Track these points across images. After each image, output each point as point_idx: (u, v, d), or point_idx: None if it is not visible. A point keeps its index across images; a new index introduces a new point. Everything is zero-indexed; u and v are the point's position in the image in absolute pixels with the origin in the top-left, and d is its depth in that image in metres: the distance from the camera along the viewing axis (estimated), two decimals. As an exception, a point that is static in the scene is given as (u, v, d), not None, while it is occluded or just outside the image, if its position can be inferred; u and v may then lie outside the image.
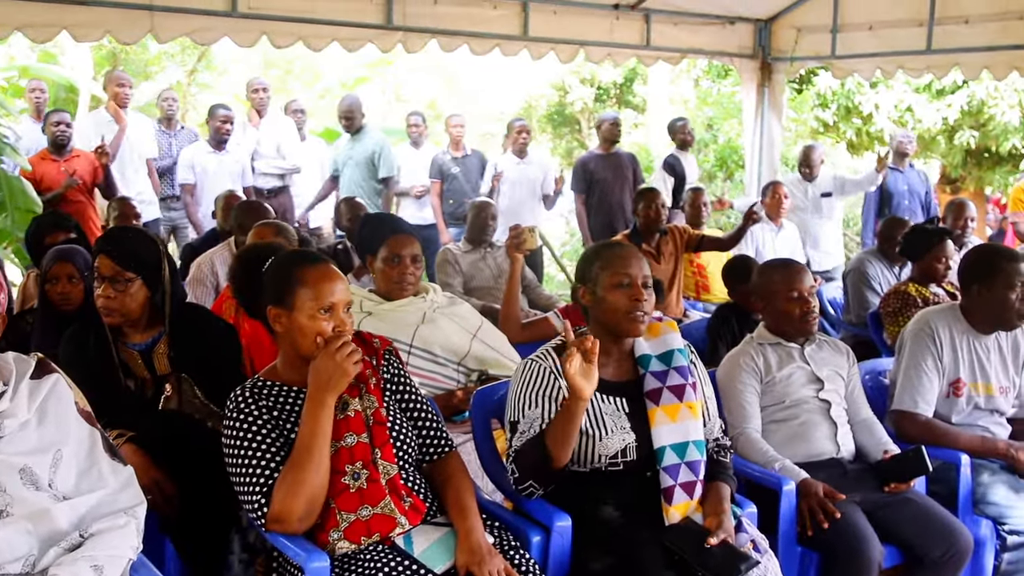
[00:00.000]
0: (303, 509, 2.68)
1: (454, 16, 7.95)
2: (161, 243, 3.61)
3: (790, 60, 9.68)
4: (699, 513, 3.11)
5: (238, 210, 6.12)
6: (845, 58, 9.27)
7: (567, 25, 8.58)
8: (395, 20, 7.67)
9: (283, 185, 9.10)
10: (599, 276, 3.20)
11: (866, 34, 8.92)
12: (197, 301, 5.36)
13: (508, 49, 8.36)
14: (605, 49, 9.01)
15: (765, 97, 9.92)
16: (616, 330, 3.20)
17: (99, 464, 2.56)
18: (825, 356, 4.02)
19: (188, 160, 8.63)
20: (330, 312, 2.81)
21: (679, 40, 9.29)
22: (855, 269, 6.54)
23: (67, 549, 2.40)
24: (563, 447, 2.97)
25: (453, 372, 4.12)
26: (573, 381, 2.86)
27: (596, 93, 18.22)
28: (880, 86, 13.61)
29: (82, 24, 6.73)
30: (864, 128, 14.23)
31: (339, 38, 7.58)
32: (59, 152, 7.94)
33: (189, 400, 3.49)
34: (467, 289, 6.19)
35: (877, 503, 3.64)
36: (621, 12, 8.78)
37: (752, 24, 9.68)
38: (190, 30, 7.14)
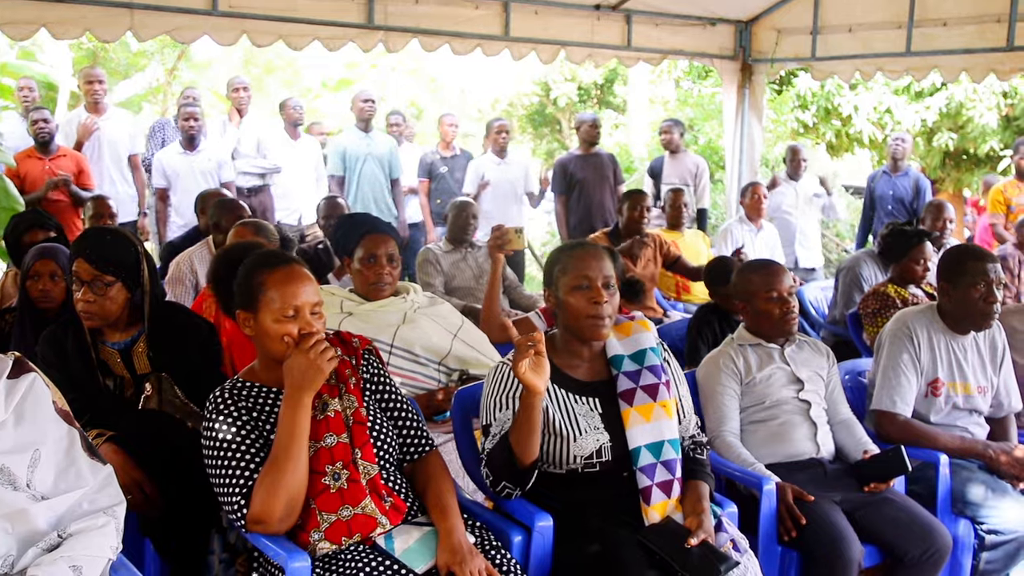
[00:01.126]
0: (283, 510, 2.67)
1: (435, 16, 7.93)
2: (139, 243, 3.58)
3: (770, 61, 9.70)
4: (679, 512, 3.11)
5: (214, 208, 6.09)
6: (825, 60, 9.29)
7: (548, 25, 8.57)
8: (376, 19, 7.64)
9: (263, 184, 9.05)
10: (560, 279, 3.20)
11: (846, 36, 8.95)
12: (176, 300, 5.34)
13: (489, 49, 8.35)
14: (586, 49, 9.00)
15: (745, 98, 9.94)
16: (578, 334, 3.20)
17: (78, 463, 2.55)
18: (805, 357, 4.04)
19: (160, 164, 8.56)
20: (295, 315, 2.79)
21: (660, 41, 9.30)
22: (850, 268, 6.54)
23: (46, 549, 2.38)
24: (526, 445, 2.96)
25: (434, 372, 4.11)
26: (524, 379, 2.86)
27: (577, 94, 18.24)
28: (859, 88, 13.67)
29: (62, 21, 6.68)
30: (843, 130, 14.30)
31: (320, 37, 7.54)
32: (44, 151, 7.88)
33: (169, 399, 3.47)
34: (448, 289, 6.18)
35: (857, 503, 3.66)
36: (602, 13, 8.78)
37: (733, 25, 9.70)
38: (170, 28, 7.08)
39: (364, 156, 8.94)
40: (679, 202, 7.71)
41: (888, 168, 9.69)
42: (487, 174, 9.06)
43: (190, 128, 8.45)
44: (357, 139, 9.07)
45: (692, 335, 5.14)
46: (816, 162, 14.80)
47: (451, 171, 9.39)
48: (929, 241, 5.81)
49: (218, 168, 8.57)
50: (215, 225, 5.93)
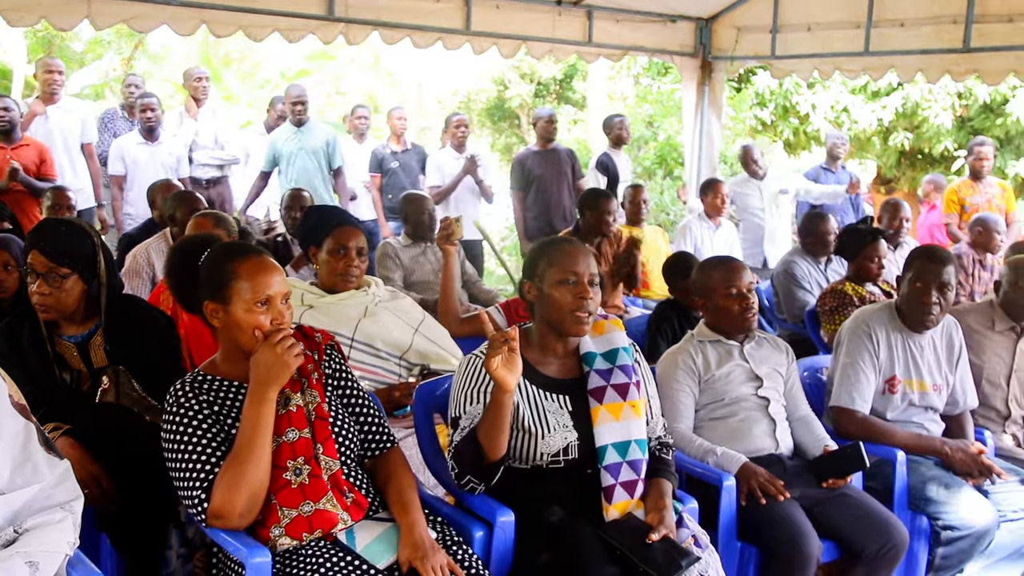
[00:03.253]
0: (244, 504, 2.65)
1: (396, 9, 7.92)
2: (95, 234, 3.53)
3: (730, 59, 9.77)
4: (640, 509, 3.12)
5: (171, 200, 6.02)
6: (784, 58, 9.36)
7: (509, 20, 8.58)
8: (337, 12, 7.61)
9: (222, 176, 8.98)
10: (545, 272, 3.18)
11: (805, 35, 9.02)
12: (133, 293, 5.28)
13: (450, 43, 8.35)
14: (547, 45, 9.02)
15: (705, 95, 10.00)
16: (560, 328, 3.19)
17: (34, 458, 2.51)
18: (764, 354, 4.06)
19: (118, 151, 8.47)
20: (267, 305, 2.77)
21: (621, 37, 9.33)
22: (782, 271, 6.62)
23: (1, 545, 2.35)
24: (494, 440, 2.96)
25: (395, 366, 4.10)
26: (495, 375, 2.86)
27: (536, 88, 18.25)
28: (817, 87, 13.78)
29: (17, 8, 6.59)
30: (801, 128, 14.42)
31: (280, 28, 7.50)
32: (7, 140, 7.73)
33: (127, 393, 3.43)
34: (407, 283, 6.16)
35: (815, 499, 3.69)
36: (563, 8, 8.81)
37: (693, 23, 9.75)
38: (128, 17, 7.02)
39: (296, 151, 8.80)
40: (639, 198, 7.71)
41: (827, 164, 9.78)
42: (449, 168, 9.02)
43: (148, 119, 8.34)
44: (288, 134, 8.92)
45: (651, 331, 5.16)
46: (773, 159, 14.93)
47: (402, 165, 9.35)
48: (884, 239, 5.87)
49: (176, 163, 8.49)
50: (171, 217, 5.87)
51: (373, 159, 9.33)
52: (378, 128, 12.24)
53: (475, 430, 3.00)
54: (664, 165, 14.88)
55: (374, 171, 9.30)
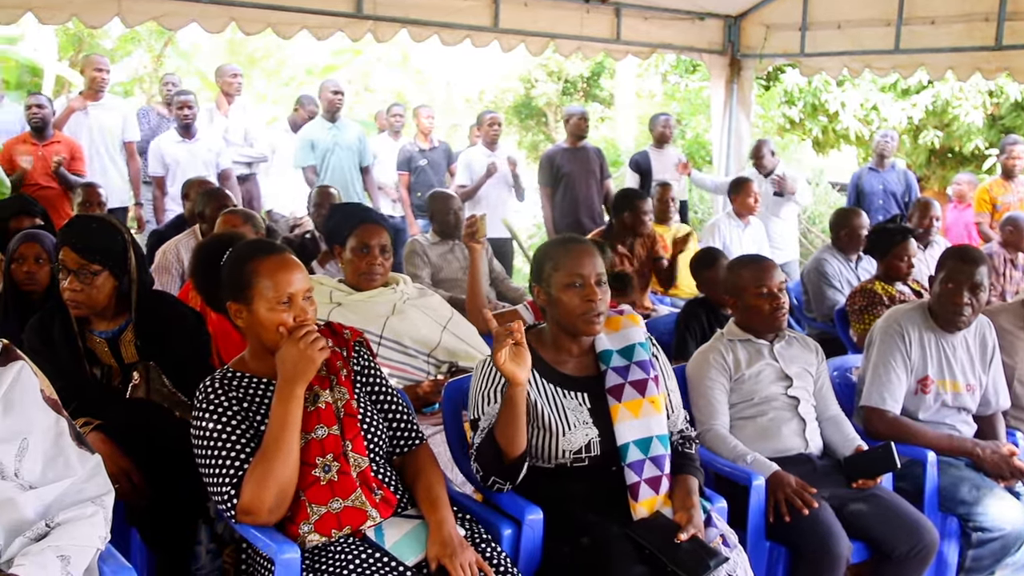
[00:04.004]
0: (273, 501, 2.65)
1: (424, 6, 7.94)
2: (126, 231, 3.54)
3: (759, 57, 9.73)
4: (668, 507, 3.11)
5: (200, 197, 6.07)
6: (813, 56, 9.32)
7: (537, 17, 8.58)
8: (365, 9, 7.63)
9: (250, 172, 9.02)
10: (552, 276, 3.15)
11: (834, 32, 8.97)
12: (162, 289, 5.29)
13: (478, 40, 8.35)
14: (575, 42, 9.01)
15: (733, 93, 9.97)
16: (571, 330, 3.18)
17: (66, 452, 2.53)
18: (794, 353, 4.04)
19: (157, 152, 8.49)
20: (289, 303, 2.77)
21: (649, 35, 9.31)
22: (813, 268, 6.57)
23: (33, 539, 2.36)
24: (512, 438, 2.95)
25: (423, 364, 4.10)
26: (504, 369, 2.85)
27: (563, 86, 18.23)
28: (846, 84, 13.71)
29: (49, 6, 6.64)
30: (830, 126, 14.35)
31: (308, 26, 7.53)
32: (39, 136, 7.82)
33: (157, 389, 3.44)
34: (435, 281, 6.16)
35: (845, 499, 3.66)
36: (592, 6, 8.80)
37: (722, 20, 9.72)
38: (158, 14, 7.06)
39: (332, 146, 8.85)
40: (666, 196, 7.72)
41: (874, 164, 9.70)
42: (480, 166, 9.02)
43: (185, 117, 8.37)
44: (324, 130, 8.96)
45: (680, 329, 5.15)
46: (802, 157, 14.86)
47: (430, 163, 9.35)
48: (914, 238, 5.83)
49: (216, 156, 8.52)
50: (199, 214, 5.91)
51: (401, 157, 9.35)
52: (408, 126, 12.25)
53: (493, 429, 3.00)
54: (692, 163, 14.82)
55: (402, 169, 9.32)
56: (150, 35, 15.39)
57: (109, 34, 15.25)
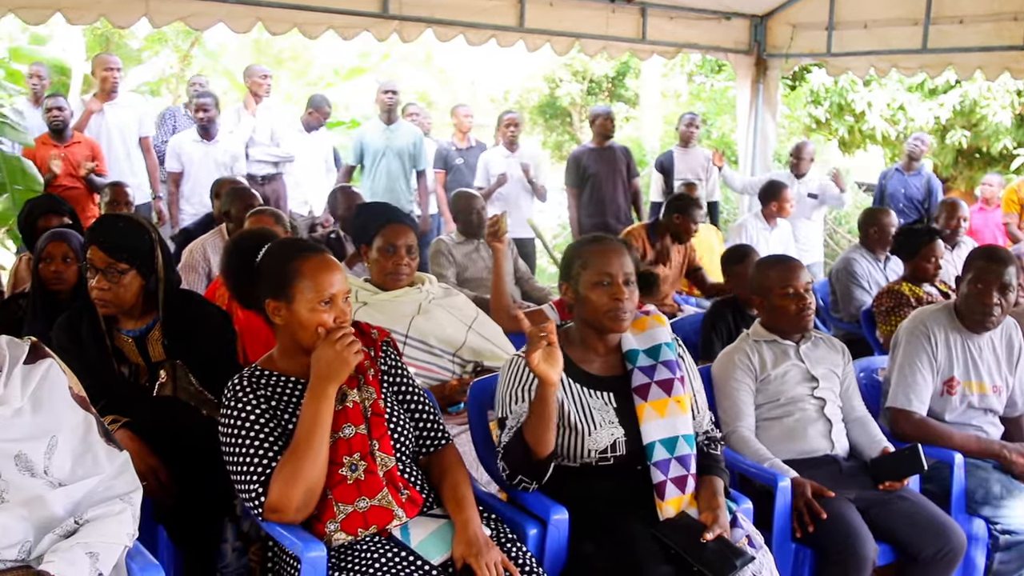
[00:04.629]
0: (301, 499, 2.66)
1: (450, 6, 7.95)
2: (153, 230, 3.56)
3: (785, 56, 9.69)
4: (694, 508, 3.10)
5: (226, 196, 6.11)
6: (840, 56, 9.28)
7: (563, 17, 8.57)
8: (391, 9, 7.65)
9: (276, 172, 9.05)
10: (580, 275, 3.16)
11: (861, 32, 8.93)
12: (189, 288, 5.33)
13: (504, 40, 8.36)
14: (600, 42, 9.00)
15: (759, 93, 9.93)
16: (599, 328, 3.17)
17: (94, 449, 2.55)
18: (820, 354, 4.02)
19: (175, 148, 8.55)
20: (330, 303, 2.79)
21: (675, 34, 9.29)
22: (842, 268, 6.54)
23: (62, 535, 2.39)
24: (541, 437, 2.94)
25: (448, 363, 4.10)
26: (537, 370, 2.84)
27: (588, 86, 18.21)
28: (873, 84, 13.64)
29: (77, 7, 6.69)
30: (856, 126, 14.28)
31: (335, 26, 7.56)
32: (59, 138, 7.88)
33: (184, 387, 3.47)
34: (460, 280, 6.17)
35: (871, 501, 3.64)
36: (617, 5, 8.79)
37: (748, 20, 9.68)
38: (185, 15, 7.10)
39: (383, 149, 8.87)
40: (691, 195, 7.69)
41: (902, 166, 9.65)
42: (497, 167, 9.02)
43: (202, 119, 8.43)
44: (378, 132, 9.00)
45: (706, 329, 5.13)
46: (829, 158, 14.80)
47: (466, 162, 9.36)
48: (941, 239, 5.80)
49: (232, 161, 8.55)
50: (226, 213, 5.94)
51: (438, 156, 9.36)
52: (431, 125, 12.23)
53: (522, 429, 3.00)
54: (718, 164, 14.80)
55: (438, 167, 9.32)
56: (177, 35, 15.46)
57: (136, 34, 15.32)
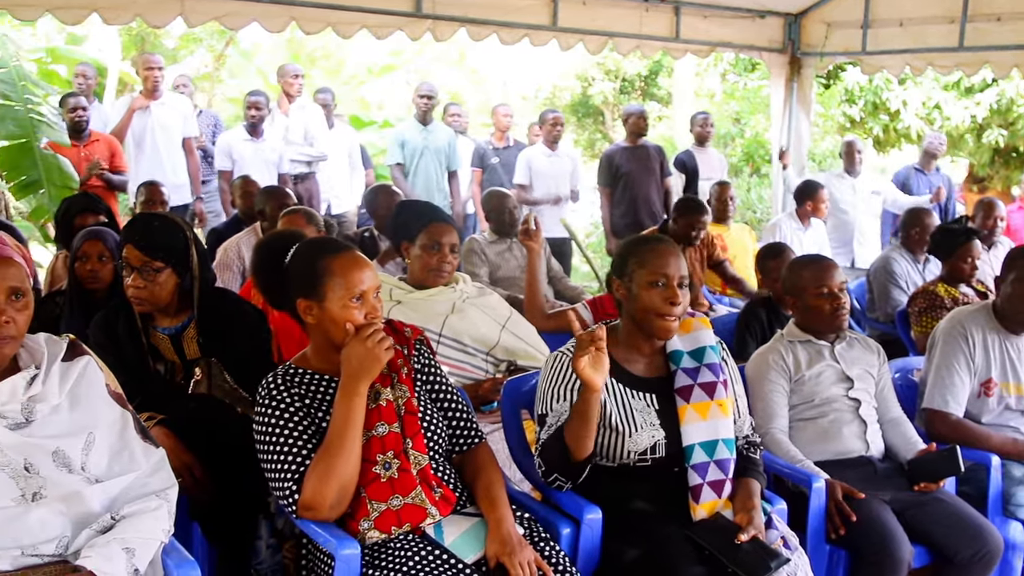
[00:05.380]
0: (334, 497, 2.67)
1: (483, 5, 7.96)
2: (188, 228, 3.59)
3: (820, 55, 9.63)
4: (728, 509, 3.09)
5: (261, 196, 6.17)
6: (875, 54, 9.22)
7: (596, 16, 8.55)
8: (424, 8, 7.66)
9: (310, 171, 9.09)
10: (635, 272, 3.14)
11: (897, 30, 8.87)
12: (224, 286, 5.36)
13: (537, 39, 8.35)
14: (634, 41, 8.98)
15: (794, 92, 9.88)
16: (647, 329, 3.16)
17: (131, 446, 2.57)
18: (855, 354, 3.99)
19: (225, 146, 8.66)
20: (361, 300, 2.79)
21: (709, 33, 9.25)
22: (881, 267, 6.50)
23: (99, 531, 2.41)
24: (580, 440, 2.95)
25: (482, 362, 4.11)
26: (583, 374, 2.84)
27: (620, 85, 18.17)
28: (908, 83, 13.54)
29: (113, 7, 6.74)
30: (891, 125, 14.18)
31: (368, 25, 7.58)
32: (78, 137, 7.95)
33: (219, 384, 3.49)
34: (493, 279, 6.17)
35: (906, 502, 3.61)
36: (651, 4, 8.76)
37: (782, 18, 9.63)
38: (220, 14, 7.14)
39: (421, 149, 8.92)
40: (725, 195, 7.67)
41: (921, 164, 9.58)
42: (538, 165, 9.02)
43: (252, 117, 8.54)
44: (416, 132, 9.05)
45: (740, 329, 5.11)
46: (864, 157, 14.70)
47: (502, 162, 9.37)
48: (978, 239, 5.74)
49: (279, 159, 8.65)
50: (260, 212, 5.98)
51: (475, 154, 9.39)
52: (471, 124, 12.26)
53: (561, 429, 2.99)
54: (751, 162, 14.74)
55: (475, 166, 9.35)
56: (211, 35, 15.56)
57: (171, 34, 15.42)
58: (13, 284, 2.39)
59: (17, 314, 2.39)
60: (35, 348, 2.52)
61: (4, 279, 2.39)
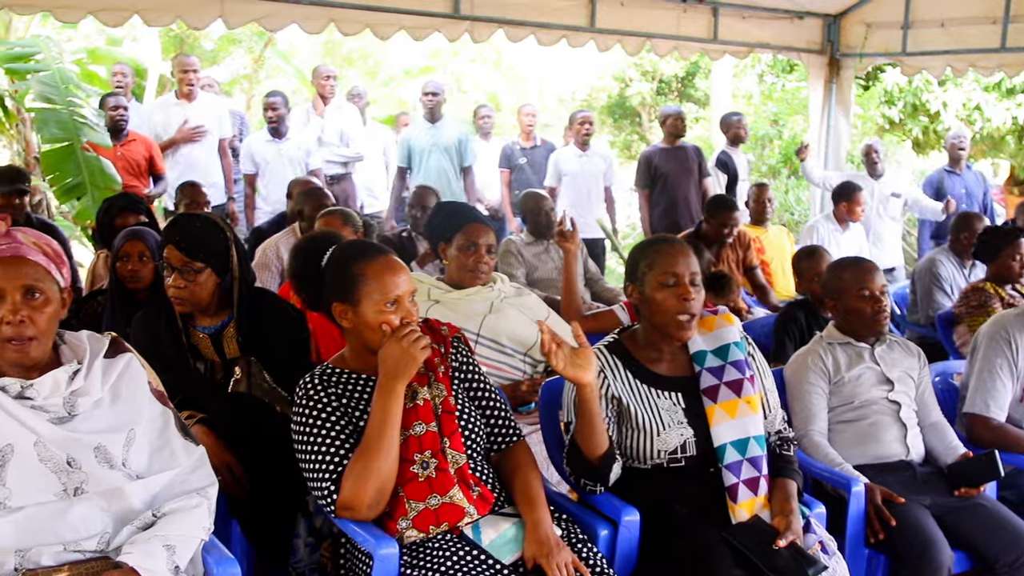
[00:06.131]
0: (372, 496, 2.68)
1: (521, 6, 7.97)
2: (228, 228, 3.61)
3: (859, 56, 9.57)
4: (767, 510, 3.07)
5: (299, 196, 6.21)
6: (915, 55, 9.15)
7: (634, 17, 8.54)
8: (463, 10, 7.68)
9: (345, 172, 9.13)
10: (646, 275, 3.15)
11: (938, 31, 8.80)
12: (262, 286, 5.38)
13: (575, 40, 8.35)
14: (672, 42, 8.96)
15: (832, 93, 9.82)
16: (663, 330, 3.16)
17: (171, 443, 2.59)
18: (896, 357, 3.96)
19: (248, 150, 8.69)
20: (396, 305, 2.80)
21: (747, 34, 9.22)
22: (927, 269, 6.44)
23: (140, 528, 2.43)
24: (588, 439, 2.95)
25: (519, 362, 4.11)
26: (565, 374, 2.86)
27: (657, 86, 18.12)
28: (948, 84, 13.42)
29: (154, 9, 6.82)
30: (931, 126, 14.05)
31: (406, 26, 7.61)
32: (116, 136, 8.01)
33: (258, 384, 3.50)
34: (530, 280, 6.16)
35: (947, 507, 3.58)
36: (689, 5, 8.74)
37: (821, 19, 9.58)
38: (259, 16, 7.19)
39: (429, 148, 8.89)
40: (763, 197, 7.63)
41: (950, 166, 9.50)
42: (568, 166, 9.01)
43: (271, 119, 8.56)
44: (423, 131, 9.04)
45: (778, 332, 5.08)
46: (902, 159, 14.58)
47: (530, 162, 9.37)
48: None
49: (306, 156, 8.65)
50: (298, 212, 6.01)
51: (502, 155, 9.39)
52: (499, 126, 12.27)
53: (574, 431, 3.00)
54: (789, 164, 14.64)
55: (503, 167, 9.35)
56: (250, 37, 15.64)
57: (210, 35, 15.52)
58: (27, 283, 2.40)
59: (35, 313, 2.40)
60: (77, 345, 2.55)
61: (17, 278, 2.40)
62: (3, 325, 2.37)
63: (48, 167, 7.84)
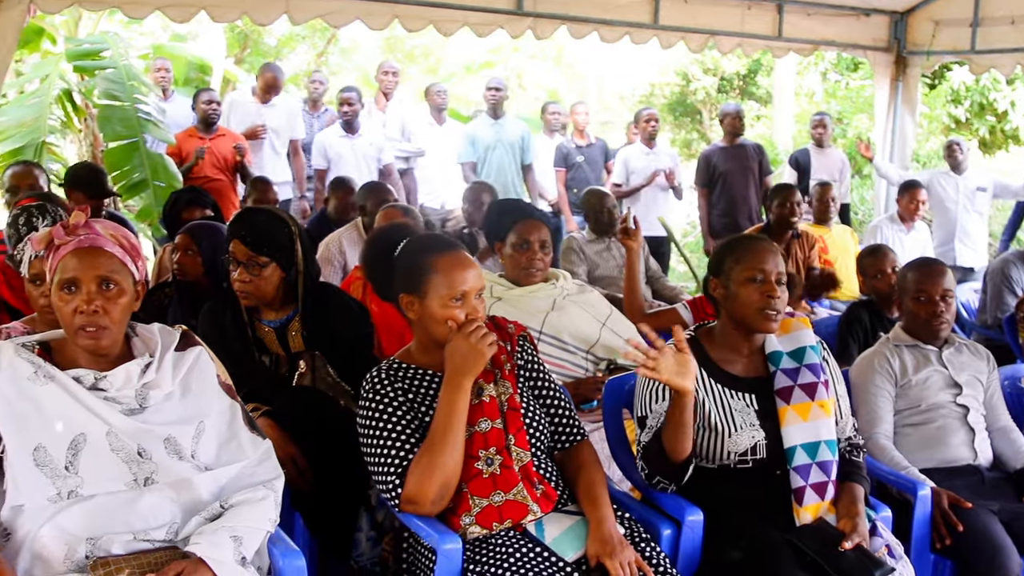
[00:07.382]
0: (437, 492, 2.68)
1: (584, 3, 7.95)
2: (294, 223, 3.64)
3: (926, 54, 9.42)
4: (832, 515, 3.05)
5: (361, 191, 6.25)
6: (985, 53, 8.99)
7: (697, 14, 8.48)
8: (525, 6, 7.68)
9: (407, 168, 9.16)
10: (732, 270, 3.14)
11: (1008, 28, 8.64)
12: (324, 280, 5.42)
13: (638, 37, 8.31)
14: (735, 39, 8.88)
15: (899, 92, 9.68)
16: (748, 326, 3.14)
17: (239, 436, 2.62)
18: (964, 360, 3.90)
19: (321, 145, 8.72)
20: (462, 300, 2.80)
21: (812, 31, 9.12)
22: (998, 270, 6.32)
23: (208, 519, 2.46)
24: (677, 443, 2.93)
25: (582, 360, 4.10)
26: (670, 382, 2.83)
27: (719, 83, 18.02)
28: (1016, 82, 13.21)
29: (220, 4, 6.88)
30: (999, 126, 13.84)
31: (470, 23, 7.62)
32: (207, 130, 8.13)
33: (322, 378, 3.53)
34: (592, 278, 6.14)
35: (1015, 513, 3.51)
36: (753, 2, 8.66)
37: (888, 16, 9.45)
38: (325, 12, 7.25)
39: (494, 143, 8.89)
40: (827, 196, 7.53)
41: None
42: (636, 164, 8.97)
43: (346, 113, 8.60)
44: (486, 126, 9.04)
45: (842, 332, 5.03)
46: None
47: (587, 160, 9.35)
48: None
49: (378, 152, 8.69)
50: (361, 208, 6.06)
51: (558, 154, 9.37)
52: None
53: (660, 431, 2.98)
54: (853, 163, 14.50)
55: (559, 165, 9.33)
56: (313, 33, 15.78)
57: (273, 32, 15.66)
58: (103, 273, 2.44)
59: (109, 303, 2.43)
60: (149, 337, 2.58)
61: (93, 268, 2.43)
62: (77, 314, 2.40)
63: (112, 164, 7.94)
